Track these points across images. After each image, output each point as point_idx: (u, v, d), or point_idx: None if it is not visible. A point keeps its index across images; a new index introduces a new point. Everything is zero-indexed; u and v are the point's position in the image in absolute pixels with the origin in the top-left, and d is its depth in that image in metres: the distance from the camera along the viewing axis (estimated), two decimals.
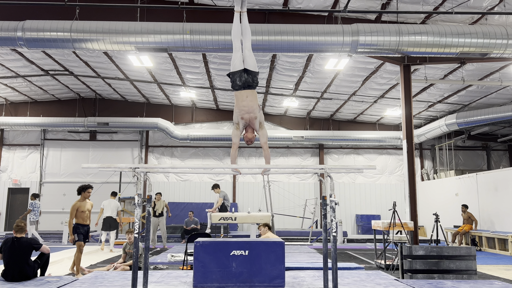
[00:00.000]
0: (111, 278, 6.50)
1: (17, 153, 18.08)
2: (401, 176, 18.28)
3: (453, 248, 7.08)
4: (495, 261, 9.77)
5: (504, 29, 8.29)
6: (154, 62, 12.57)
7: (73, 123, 16.52)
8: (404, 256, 7.00)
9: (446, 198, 15.38)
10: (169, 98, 17.35)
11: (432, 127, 15.38)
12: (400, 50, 8.56)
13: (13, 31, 8.49)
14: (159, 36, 8.51)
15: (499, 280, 7.08)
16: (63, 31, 8.48)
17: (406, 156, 10.52)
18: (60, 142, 18.18)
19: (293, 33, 8.41)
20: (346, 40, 8.41)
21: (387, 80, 13.16)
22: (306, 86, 14.17)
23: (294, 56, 11.70)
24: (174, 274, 6.98)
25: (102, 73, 14.61)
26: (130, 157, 18.22)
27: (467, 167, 17.93)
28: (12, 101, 17.75)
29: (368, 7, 9.41)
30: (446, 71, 12.18)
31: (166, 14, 9.59)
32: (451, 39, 8.32)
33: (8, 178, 17.82)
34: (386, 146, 18.49)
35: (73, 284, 6.01)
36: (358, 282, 6.34)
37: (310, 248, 12.04)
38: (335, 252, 5.05)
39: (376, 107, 16.07)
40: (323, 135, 17.24)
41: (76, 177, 17.77)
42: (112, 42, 8.59)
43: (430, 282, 6.48)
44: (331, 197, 5.06)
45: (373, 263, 9.23)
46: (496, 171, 13.19)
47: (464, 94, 14.04)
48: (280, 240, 6.00)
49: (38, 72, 14.39)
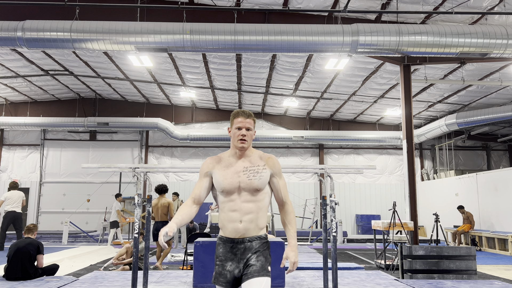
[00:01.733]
0: (111, 278, 6.50)
1: (17, 153, 18.08)
2: (401, 176, 18.28)
3: (453, 248, 7.08)
4: (495, 261, 9.77)
5: (504, 29, 8.29)
6: (154, 62, 12.57)
7: (73, 123, 16.52)
8: (404, 256, 7.01)
9: (446, 198, 15.38)
10: (169, 98, 17.35)
11: (432, 127, 15.38)
12: (400, 50, 8.56)
13: (13, 31, 8.49)
14: (159, 36, 8.51)
15: (499, 280, 7.08)
16: (63, 31, 8.47)
17: (406, 156, 10.52)
18: (60, 142, 18.18)
19: (293, 33, 8.41)
20: (346, 40, 8.41)
21: (387, 80, 13.16)
22: (306, 86, 14.18)
23: (294, 56, 11.70)
24: (174, 274, 6.98)
25: (102, 73, 14.61)
26: (130, 157, 18.22)
27: (467, 167, 17.93)
28: (12, 101, 17.75)
29: (368, 7, 9.41)
30: (446, 71, 12.19)
31: (166, 14, 9.59)
32: (451, 39, 8.32)
33: (8, 178, 17.81)
34: (386, 146, 18.50)
35: (73, 284, 6.01)
36: (358, 282, 6.34)
37: (310, 248, 12.05)
38: (335, 252, 5.05)
39: (376, 107, 16.07)
40: (323, 135, 17.25)
41: (76, 177, 17.79)
42: (112, 42, 8.58)
43: (430, 282, 6.48)
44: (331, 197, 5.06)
45: (373, 263, 9.23)
46: (496, 171, 13.18)
47: (464, 94, 14.04)
48: (280, 240, 6.00)
49: (38, 72, 14.39)
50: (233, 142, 2.61)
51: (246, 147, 2.59)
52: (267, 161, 2.62)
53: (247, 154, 2.63)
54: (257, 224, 2.54)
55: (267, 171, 2.58)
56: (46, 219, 17.50)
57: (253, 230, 2.53)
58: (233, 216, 2.51)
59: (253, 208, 2.52)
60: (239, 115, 2.62)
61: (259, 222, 2.55)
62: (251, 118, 2.64)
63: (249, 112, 2.66)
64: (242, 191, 2.51)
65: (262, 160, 2.61)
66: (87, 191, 17.48)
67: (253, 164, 2.58)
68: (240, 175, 2.53)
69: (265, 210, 2.59)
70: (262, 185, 2.54)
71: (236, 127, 2.60)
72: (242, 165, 2.57)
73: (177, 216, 2.54)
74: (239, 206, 2.51)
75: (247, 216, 2.51)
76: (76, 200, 17.26)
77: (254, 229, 2.53)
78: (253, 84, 14.55)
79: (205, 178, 2.65)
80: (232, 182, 2.53)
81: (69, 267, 8.33)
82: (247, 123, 2.60)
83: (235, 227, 2.51)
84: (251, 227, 2.52)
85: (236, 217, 2.51)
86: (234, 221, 2.51)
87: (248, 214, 2.51)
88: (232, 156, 2.63)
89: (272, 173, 2.62)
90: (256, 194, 2.53)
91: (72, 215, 15.73)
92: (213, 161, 2.66)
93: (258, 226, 2.55)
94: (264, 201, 2.57)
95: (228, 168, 2.58)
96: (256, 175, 2.54)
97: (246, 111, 2.64)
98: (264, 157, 2.64)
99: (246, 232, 2.52)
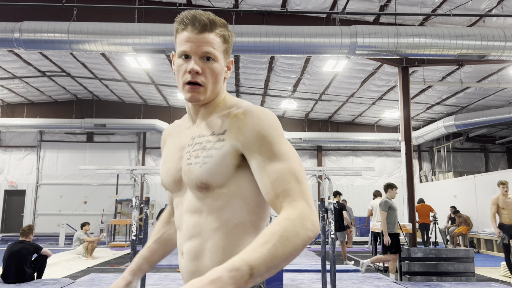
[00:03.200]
0: (108, 281, 6.45)
1: (13, 155, 17.99)
2: (400, 178, 18.28)
3: (452, 250, 7.06)
4: (493, 263, 9.75)
5: (502, 31, 8.31)
6: (152, 64, 12.53)
7: (70, 125, 16.45)
8: (403, 258, 6.98)
9: (444, 200, 15.38)
10: (166, 100, 17.31)
11: (431, 129, 15.39)
12: (398, 52, 8.57)
13: (10, 32, 8.45)
14: (156, 37, 8.49)
15: (497, 282, 7.06)
16: (60, 32, 8.44)
17: (404, 158, 10.51)
18: (56, 143, 18.10)
19: (291, 34, 8.40)
20: (344, 42, 8.40)
21: (386, 82, 13.16)
22: (304, 87, 14.17)
23: (292, 58, 11.69)
24: (171, 276, 6.94)
25: (99, 75, 14.56)
26: (128, 159, 18.16)
27: (465, 169, 17.95)
28: (9, 103, 17.67)
29: (367, 8, 9.41)
30: (444, 73, 12.20)
31: (163, 15, 9.57)
32: (449, 41, 8.33)
33: (4, 180, 17.73)
34: (384, 148, 18.50)
35: (69, 286, 5.96)
36: (356, 285, 6.31)
37: (308, 250, 12.01)
38: (333, 254, 5.03)
39: (375, 109, 16.08)
40: (321, 137, 17.23)
41: (73, 179, 17.71)
42: (109, 44, 8.56)
43: (429, 284, 6.46)
44: (330, 199, 5.04)
45: (371, 265, 9.19)
46: (494, 173, 13.19)
47: (462, 96, 14.06)
48: None
49: (35, 74, 14.33)
50: (179, 89, 1.23)
51: (203, 99, 1.20)
52: (234, 120, 1.15)
53: (209, 111, 1.25)
54: (210, 265, 1.14)
55: (226, 145, 1.14)
56: (42, 221, 17.40)
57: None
58: (177, 240, 1.27)
59: (201, 227, 1.16)
60: (186, 26, 1.17)
61: (214, 260, 1.14)
62: (214, 31, 1.19)
63: (208, 17, 1.18)
64: (186, 188, 1.22)
65: (226, 120, 1.18)
66: (84, 193, 17.41)
67: (205, 130, 1.22)
68: (183, 156, 1.23)
69: (237, 231, 1.14)
70: (208, 177, 1.13)
71: (179, 53, 1.20)
72: (190, 135, 1.25)
73: (142, 253, 1.41)
74: (180, 221, 1.24)
75: (189, 244, 1.19)
76: (73, 202, 17.18)
77: (201, 274, 1.15)
78: (251, 86, 14.53)
79: None
80: (169, 169, 1.26)
81: (66, 269, 8.28)
82: (203, 45, 1.17)
83: (180, 264, 1.25)
84: (192, 270, 1.18)
85: (179, 242, 1.25)
86: (179, 251, 1.26)
87: (191, 238, 1.18)
88: (188, 119, 1.32)
89: (243, 147, 1.12)
90: (206, 197, 1.16)
91: (69, 217, 15.67)
92: (165, 132, 1.42)
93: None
94: (228, 210, 1.14)
95: (174, 140, 1.32)
96: (200, 154, 1.17)
97: (199, 17, 1.17)
98: (232, 113, 1.17)
99: (187, 281, 1.21)
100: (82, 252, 9.99)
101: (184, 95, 1.21)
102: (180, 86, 1.21)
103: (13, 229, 17.24)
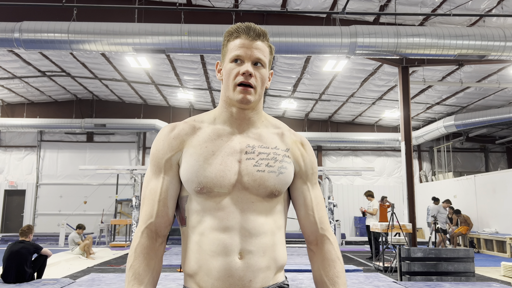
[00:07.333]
0: (108, 280, 6.45)
1: (13, 155, 17.99)
2: (400, 178, 18.28)
3: (452, 250, 7.06)
4: (493, 263, 9.75)
5: (502, 31, 8.31)
6: (152, 63, 12.53)
7: (70, 125, 16.45)
8: (403, 258, 6.98)
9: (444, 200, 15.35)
10: (166, 100, 17.31)
11: (430, 129, 15.39)
12: (398, 52, 8.57)
13: (10, 32, 8.45)
14: (157, 37, 8.49)
15: (497, 282, 7.06)
16: (60, 32, 8.44)
17: (404, 158, 10.51)
18: (56, 143, 18.10)
19: (291, 34, 8.40)
20: (344, 41, 8.40)
21: (385, 82, 13.16)
22: (304, 87, 14.17)
23: (292, 58, 11.68)
24: (171, 276, 6.94)
25: (99, 74, 14.56)
26: (127, 159, 18.15)
27: (465, 169, 17.94)
28: (9, 102, 17.67)
29: (366, 8, 9.41)
30: (444, 73, 12.20)
31: (164, 15, 9.57)
32: (449, 41, 8.33)
33: (4, 180, 17.73)
34: (384, 148, 18.49)
35: (70, 286, 5.96)
36: (357, 285, 6.31)
37: None
38: None
39: (375, 108, 16.08)
40: (321, 137, 17.22)
41: (73, 179, 17.70)
42: (109, 43, 8.56)
43: (429, 284, 6.46)
44: (330, 199, 5.04)
45: (371, 265, 9.20)
46: (494, 173, 13.19)
47: (462, 96, 14.06)
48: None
49: (35, 73, 14.33)
50: (226, 92, 1.31)
51: (253, 101, 1.28)
52: (295, 146, 1.37)
53: (253, 120, 1.34)
54: (275, 258, 1.29)
55: (292, 161, 1.34)
56: (42, 221, 17.40)
57: (268, 272, 1.26)
58: (223, 242, 1.23)
59: (268, 226, 1.28)
60: (240, 34, 1.29)
61: (277, 254, 1.30)
62: (265, 41, 1.32)
63: (260, 28, 1.31)
64: (243, 190, 1.27)
65: (283, 139, 1.35)
66: (84, 193, 17.41)
67: (266, 142, 1.32)
68: (242, 159, 1.28)
69: (283, 233, 1.37)
70: (282, 186, 1.30)
71: (232, 57, 1.29)
72: (245, 142, 1.31)
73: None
74: (237, 221, 1.25)
75: (255, 242, 1.25)
76: (73, 202, 17.18)
77: (270, 269, 1.27)
78: None
79: (167, 171, 1.30)
80: (224, 170, 1.26)
81: (66, 269, 8.27)
82: (255, 51, 1.28)
83: (227, 266, 1.22)
84: (263, 266, 1.25)
85: (230, 243, 1.23)
86: (226, 254, 1.22)
87: (258, 237, 1.25)
88: (224, 122, 1.34)
89: (299, 171, 1.36)
90: (270, 201, 1.30)
91: (69, 217, 15.67)
92: (180, 130, 1.32)
93: (276, 263, 1.29)
94: (281, 216, 1.35)
95: (214, 143, 1.30)
96: (274, 164, 1.29)
97: (253, 27, 1.31)
98: (288, 135, 1.37)
99: (254, 279, 1.23)
100: (81, 253, 10.03)
101: (234, 97, 1.28)
102: (230, 88, 1.29)
103: (13, 229, 17.24)
